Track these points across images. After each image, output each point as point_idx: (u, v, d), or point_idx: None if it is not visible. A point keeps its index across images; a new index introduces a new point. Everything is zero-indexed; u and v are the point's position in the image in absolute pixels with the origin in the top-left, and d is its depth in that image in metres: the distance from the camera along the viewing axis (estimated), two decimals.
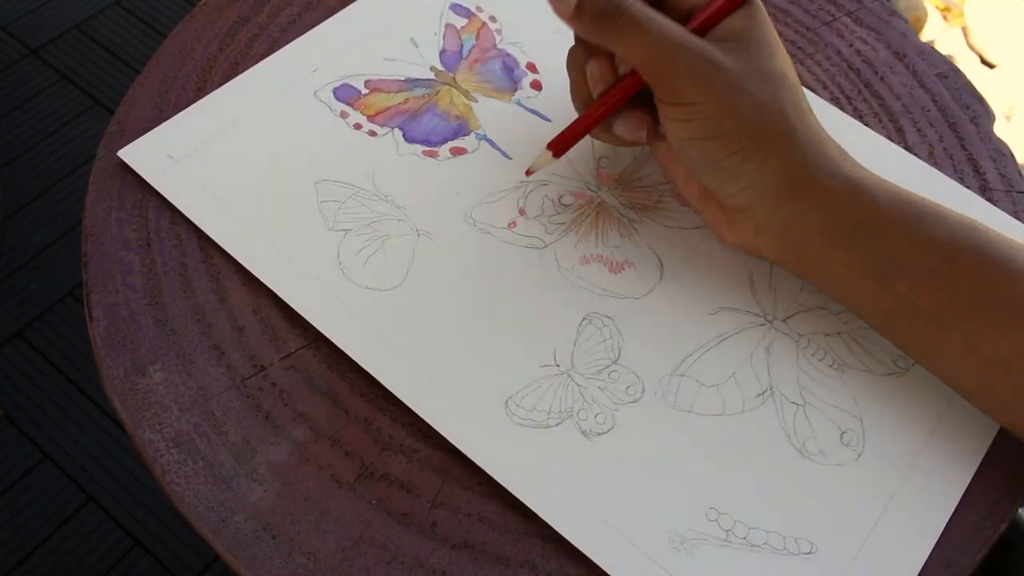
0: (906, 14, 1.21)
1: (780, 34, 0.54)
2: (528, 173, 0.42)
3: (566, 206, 0.44)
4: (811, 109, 0.39)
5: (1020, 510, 0.39)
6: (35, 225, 1.26)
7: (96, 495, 1.06)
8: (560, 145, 0.41)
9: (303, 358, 0.39)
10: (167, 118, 0.45)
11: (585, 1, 0.36)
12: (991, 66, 1.35)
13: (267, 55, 0.48)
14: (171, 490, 0.36)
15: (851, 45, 0.53)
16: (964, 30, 1.38)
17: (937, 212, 0.37)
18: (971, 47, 1.37)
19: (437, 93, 0.47)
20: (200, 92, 0.46)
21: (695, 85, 0.37)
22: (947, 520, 0.37)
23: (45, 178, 1.30)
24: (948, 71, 0.52)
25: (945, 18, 1.41)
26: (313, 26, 0.49)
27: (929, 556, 0.36)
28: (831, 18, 0.54)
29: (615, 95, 0.40)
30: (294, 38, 0.49)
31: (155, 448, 0.36)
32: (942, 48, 1.33)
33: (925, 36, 1.32)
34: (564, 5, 0.37)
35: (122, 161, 0.43)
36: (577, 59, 0.41)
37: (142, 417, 0.37)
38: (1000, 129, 1.01)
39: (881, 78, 0.51)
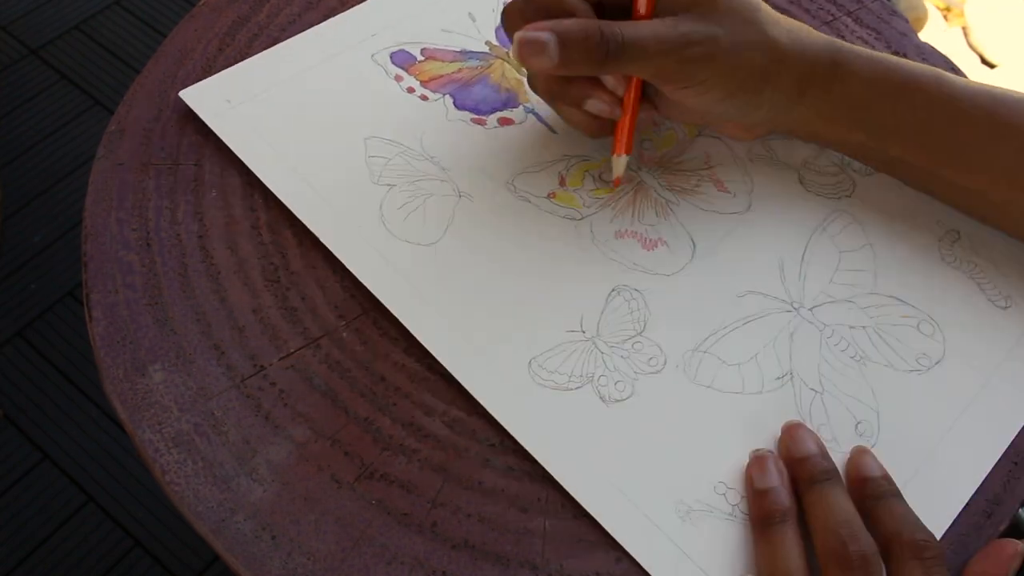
0: (906, 14, 1.21)
1: None
2: (616, 183, 0.44)
3: (606, 182, 0.45)
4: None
5: (1021, 510, 0.39)
6: (35, 225, 1.26)
7: (96, 495, 1.06)
8: (626, 145, 0.42)
9: (303, 358, 0.39)
10: (167, 118, 0.45)
11: (575, 51, 0.37)
12: (991, 66, 1.35)
13: None
14: (171, 490, 0.36)
15: None
16: (964, 30, 1.38)
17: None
18: (971, 47, 1.37)
19: (490, 66, 0.48)
20: None
21: (703, 70, 0.38)
22: (952, 520, 0.37)
23: (45, 178, 1.30)
24: (948, 71, 0.52)
25: (945, 18, 1.41)
26: (313, 26, 0.49)
27: None
28: (831, 17, 0.54)
29: (634, 91, 0.41)
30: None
31: (155, 448, 0.36)
32: (942, 48, 1.32)
33: (925, 36, 1.32)
34: (544, 59, 0.37)
35: (121, 161, 0.43)
36: (554, 88, 0.42)
37: (142, 417, 0.37)
38: None
39: None
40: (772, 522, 0.34)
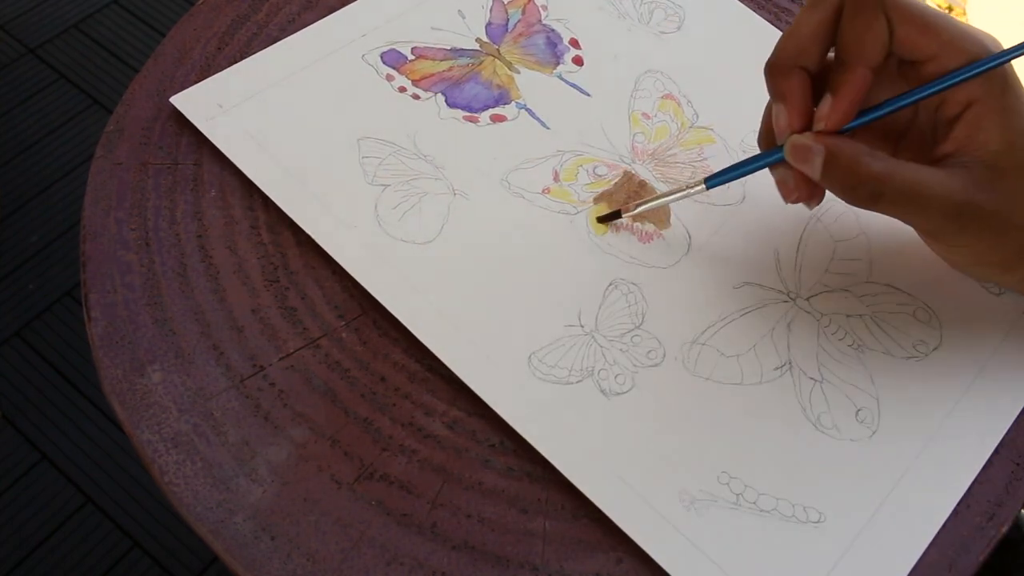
0: None
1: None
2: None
3: (600, 176, 0.45)
4: None
5: (1023, 511, 0.39)
6: (33, 225, 1.26)
7: (94, 496, 1.05)
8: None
9: (302, 358, 0.39)
10: (166, 117, 0.45)
11: (835, 180, 0.35)
12: None
13: None
14: (170, 491, 0.35)
15: None
16: None
17: None
18: None
19: (481, 63, 0.48)
20: None
21: (963, 233, 0.36)
22: (956, 503, 0.37)
23: (43, 178, 1.30)
24: None
25: None
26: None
27: (932, 557, 0.36)
28: None
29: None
30: None
31: (154, 448, 0.36)
32: None
33: None
34: (809, 167, 0.36)
35: (120, 161, 0.43)
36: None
37: (141, 417, 0.37)
38: None
39: None
40: None
